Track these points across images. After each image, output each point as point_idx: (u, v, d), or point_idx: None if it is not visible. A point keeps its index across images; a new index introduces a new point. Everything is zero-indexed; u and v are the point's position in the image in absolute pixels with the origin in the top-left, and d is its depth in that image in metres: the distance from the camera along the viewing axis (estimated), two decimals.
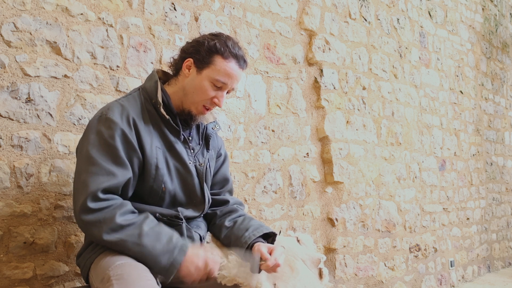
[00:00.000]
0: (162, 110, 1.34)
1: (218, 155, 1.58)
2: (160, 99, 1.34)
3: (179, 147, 1.39)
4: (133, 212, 1.26)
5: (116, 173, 1.24)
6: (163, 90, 1.38)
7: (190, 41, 1.43)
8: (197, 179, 1.42)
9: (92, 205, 1.19)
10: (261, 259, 1.31)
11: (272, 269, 1.30)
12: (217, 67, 1.34)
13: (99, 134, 1.26)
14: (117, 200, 1.25)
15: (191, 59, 1.37)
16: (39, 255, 1.52)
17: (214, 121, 1.53)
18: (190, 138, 1.44)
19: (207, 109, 1.40)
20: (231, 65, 1.35)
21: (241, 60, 1.38)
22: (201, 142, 1.48)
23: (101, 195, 1.20)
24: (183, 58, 1.40)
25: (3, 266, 1.44)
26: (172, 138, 1.37)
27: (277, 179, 2.40)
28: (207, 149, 1.49)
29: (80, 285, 1.58)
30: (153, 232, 1.22)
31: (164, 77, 1.48)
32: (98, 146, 1.24)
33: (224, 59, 1.34)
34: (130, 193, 1.32)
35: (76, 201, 1.23)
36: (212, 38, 1.37)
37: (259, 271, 1.32)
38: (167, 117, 1.35)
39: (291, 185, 2.48)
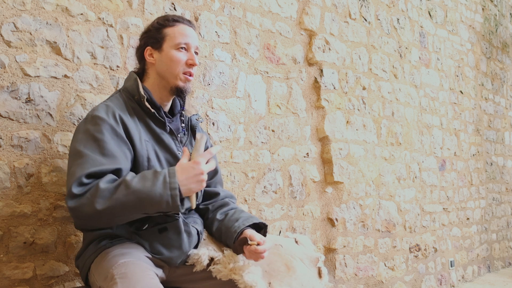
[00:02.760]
0: (146, 103, 1.36)
1: (206, 147, 1.59)
2: (143, 93, 1.37)
3: (167, 139, 1.41)
4: (115, 180, 1.24)
5: (102, 162, 1.23)
6: (143, 86, 1.41)
7: (139, 37, 1.49)
8: None
9: (76, 190, 1.18)
10: (249, 241, 1.33)
11: (259, 252, 1.32)
12: (171, 35, 1.41)
13: (87, 132, 1.27)
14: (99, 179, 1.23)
15: (148, 47, 1.43)
16: (39, 255, 1.52)
17: (196, 114, 1.56)
18: (178, 129, 1.47)
19: (190, 75, 1.43)
20: (180, 27, 1.43)
21: (185, 21, 1.45)
22: (187, 133, 1.51)
23: (85, 180, 1.19)
24: (141, 52, 1.45)
25: (3, 266, 1.44)
26: (158, 130, 1.40)
27: (277, 179, 2.39)
28: (194, 139, 1.52)
29: (80, 285, 1.58)
30: (137, 177, 1.21)
31: (139, 77, 1.50)
32: (85, 142, 1.25)
33: (172, 27, 1.42)
34: None
35: (66, 192, 1.23)
36: (152, 21, 1.47)
37: (241, 251, 1.36)
38: (152, 110, 1.37)
39: (291, 185, 2.48)
